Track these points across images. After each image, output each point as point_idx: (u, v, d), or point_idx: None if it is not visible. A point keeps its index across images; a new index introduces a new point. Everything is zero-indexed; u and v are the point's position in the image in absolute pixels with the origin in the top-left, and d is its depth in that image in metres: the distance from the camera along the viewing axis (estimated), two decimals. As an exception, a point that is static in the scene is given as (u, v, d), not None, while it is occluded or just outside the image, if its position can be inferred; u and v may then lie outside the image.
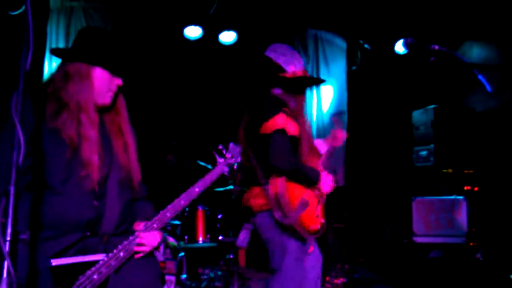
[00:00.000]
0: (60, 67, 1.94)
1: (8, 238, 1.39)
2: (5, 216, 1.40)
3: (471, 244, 4.35)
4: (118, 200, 1.97)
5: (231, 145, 2.20)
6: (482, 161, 4.95)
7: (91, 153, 1.86)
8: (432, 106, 5.10)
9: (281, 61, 2.76)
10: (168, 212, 1.99)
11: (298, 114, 2.76)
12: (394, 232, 5.67)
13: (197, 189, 2.05)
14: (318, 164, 2.79)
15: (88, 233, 1.88)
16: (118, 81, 1.98)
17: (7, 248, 1.38)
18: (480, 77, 2.16)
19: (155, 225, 1.97)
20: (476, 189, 4.87)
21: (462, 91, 5.55)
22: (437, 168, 4.97)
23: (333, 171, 2.88)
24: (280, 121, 2.58)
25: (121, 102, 2.07)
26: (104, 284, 1.83)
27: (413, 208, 4.58)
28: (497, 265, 4.34)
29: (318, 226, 2.65)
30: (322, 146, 2.89)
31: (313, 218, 2.66)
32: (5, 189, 1.41)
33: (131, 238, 1.91)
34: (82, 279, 1.77)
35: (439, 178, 4.96)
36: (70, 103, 1.85)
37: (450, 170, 4.93)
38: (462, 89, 5.56)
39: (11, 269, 1.35)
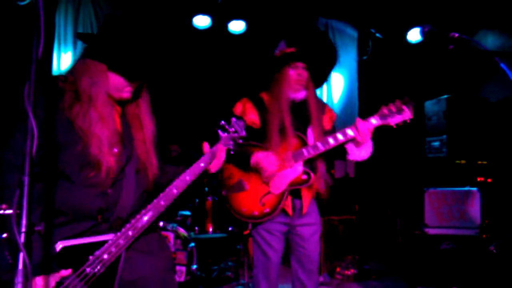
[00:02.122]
0: (81, 58, 1.94)
1: (23, 230, 1.37)
2: (20, 207, 1.39)
3: (484, 236, 4.30)
4: (134, 190, 1.97)
5: (233, 119, 2.16)
6: (495, 152, 4.89)
7: (100, 152, 1.84)
8: (445, 96, 5.03)
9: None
10: (174, 188, 1.98)
11: (274, 95, 2.72)
12: (406, 224, 5.63)
13: (202, 164, 2.05)
14: (287, 152, 2.66)
15: (100, 220, 1.88)
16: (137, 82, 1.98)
17: (22, 239, 1.36)
18: (502, 65, 2.11)
19: (161, 202, 1.95)
20: (489, 180, 4.81)
21: (476, 81, 5.48)
22: (449, 159, 4.91)
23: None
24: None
25: (143, 95, 2.07)
26: (115, 266, 1.84)
27: (425, 199, 4.52)
28: (510, 257, 4.30)
29: (256, 213, 2.62)
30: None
31: (253, 203, 2.64)
32: (19, 180, 1.39)
33: (138, 216, 1.90)
34: (92, 259, 1.78)
35: (452, 169, 4.90)
36: (82, 95, 1.85)
37: (463, 161, 4.87)
38: (475, 79, 5.48)
39: (27, 261, 1.33)
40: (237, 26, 5.91)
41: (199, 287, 4.42)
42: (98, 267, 1.78)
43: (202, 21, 5.78)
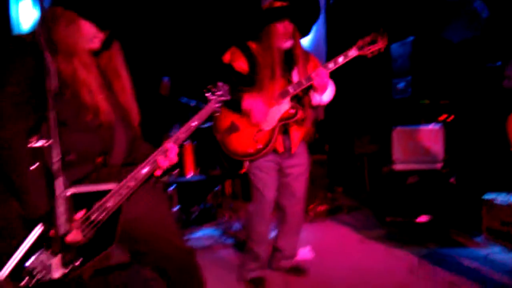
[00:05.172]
0: (50, 7, 1.91)
1: (57, 158, 1.45)
2: (49, 137, 1.46)
3: (444, 171, 4.61)
4: (125, 135, 2.04)
5: (220, 83, 2.32)
6: (458, 92, 5.15)
7: (92, 97, 1.88)
8: (410, 38, 5.19)
9: None
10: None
11: (264, 45, 2.88)
12: (374, 162, 5.92)
13: (194, 123, 2.14)
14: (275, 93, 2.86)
15: (100, 164, 1.95)
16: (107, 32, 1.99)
17: (56, 166, 1.45)
18: (477, 3, 2.28)
19: (158, 158, 2.02)
20: (451, 118, 5.10)
21: (440, 23, 5.64)
22: (414, 99, 5.14)
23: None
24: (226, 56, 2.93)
25: (115, 47, 2.10)
26: (118, 212, 1.92)
27: (393, 137, 4.75)
28: (468, 188, 4.68)
29: (251, 150, 2.85)
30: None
31: (247, 142, 2.86)
32: (45, 115, 1.48)
33: (138, 168, 1.98)
34: (97, 206, 1.85)
35: (417, 108, 5.14)
36: (59, 46, 1.85)
37: (427, 101, 5.12)
38: (439, 21, 5.65)
39: (66, 185, 1.41)
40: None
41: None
42: (103, 214, 1.85)
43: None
